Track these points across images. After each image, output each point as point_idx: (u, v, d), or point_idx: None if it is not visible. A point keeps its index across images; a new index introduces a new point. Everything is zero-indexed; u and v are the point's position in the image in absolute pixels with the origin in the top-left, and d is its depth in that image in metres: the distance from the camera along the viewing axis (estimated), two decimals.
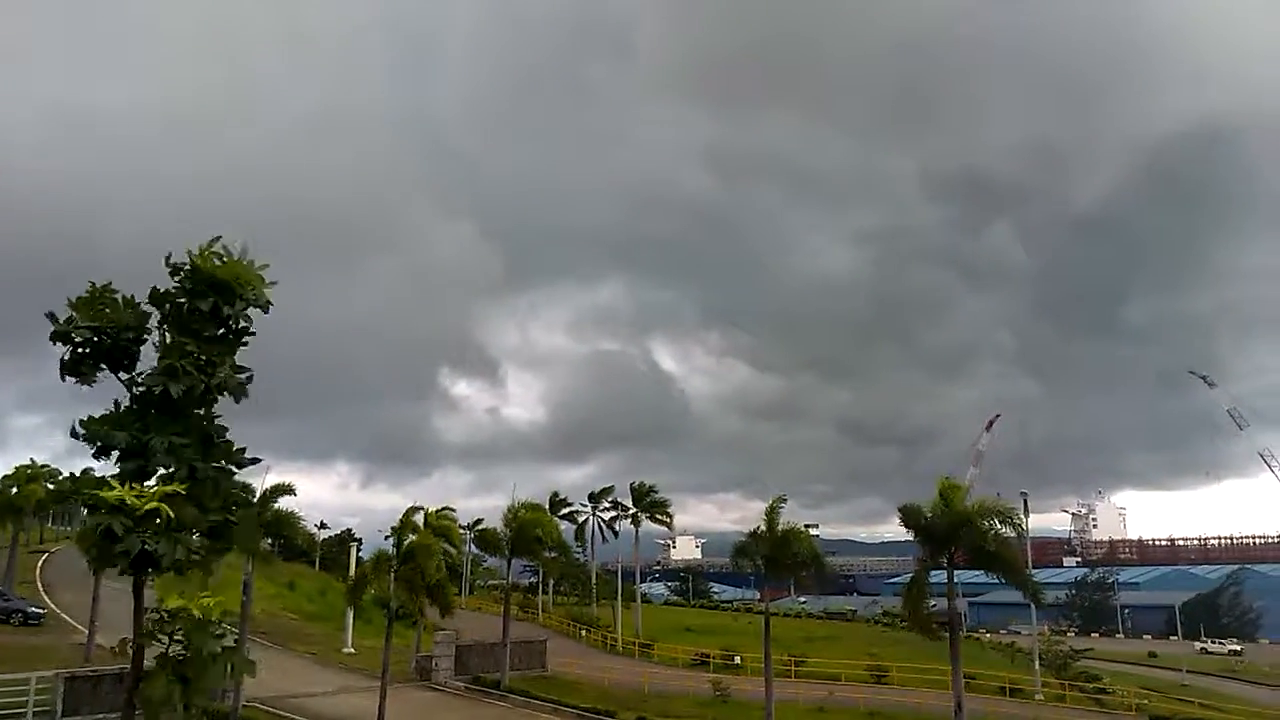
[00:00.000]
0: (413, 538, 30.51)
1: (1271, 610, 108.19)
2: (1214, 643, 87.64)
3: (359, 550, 68.14)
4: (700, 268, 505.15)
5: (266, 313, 16.05)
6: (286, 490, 34.94)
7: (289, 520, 35.90)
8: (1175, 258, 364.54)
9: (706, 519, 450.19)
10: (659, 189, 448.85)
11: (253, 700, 33.55)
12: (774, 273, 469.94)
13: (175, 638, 14.27)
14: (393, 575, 31.29)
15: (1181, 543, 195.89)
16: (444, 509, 36.09)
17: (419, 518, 31.80)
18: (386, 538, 32.83)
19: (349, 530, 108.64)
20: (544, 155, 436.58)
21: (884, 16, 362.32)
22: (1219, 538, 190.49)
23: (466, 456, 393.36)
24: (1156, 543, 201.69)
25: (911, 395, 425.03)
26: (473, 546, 68.81)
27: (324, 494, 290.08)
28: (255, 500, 30.25)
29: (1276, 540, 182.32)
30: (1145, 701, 44.45)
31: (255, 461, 16.63)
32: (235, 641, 26.06)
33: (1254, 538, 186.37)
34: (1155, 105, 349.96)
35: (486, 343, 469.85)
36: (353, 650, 51.13)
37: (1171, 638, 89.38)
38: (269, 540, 45.60)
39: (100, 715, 29.55)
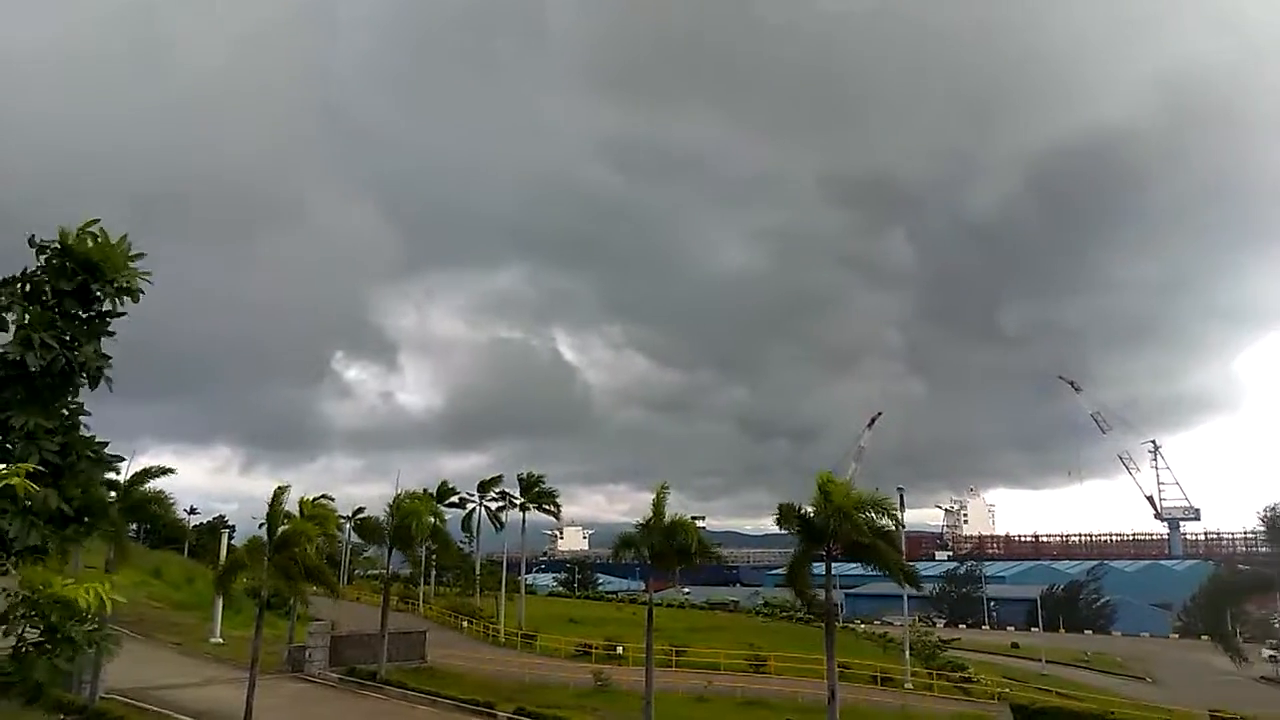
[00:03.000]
0: (286, 525, 29.56)
1: (1124, 604, 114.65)
2: None
3: (231, 537, 65.81)
4: (603, 259, 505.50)
5: (136, 302, 15.16)
6: (156, 473, 33.49)
7: (157, 504, 34.35)
8: (1054, 267, 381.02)
9: (595, 510, 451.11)
10: (564, 177, 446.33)
11: (112, 691, 31.99)
12: (676, 267, 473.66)
13: (33, 624, 13.30)
14: (266, 563, 30.27)
15: (1045, 539, 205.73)
16: (321, 496, 35.16)
17: (292, 504, 30.68)
18: (261, 525, 31.74)
19: (221, 516, 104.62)
20: (449, 135, 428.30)
21: (791, 21, 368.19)
22: (1079, 535, 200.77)
23: (357, 442, 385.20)
24: (1022, 538, 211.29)
25: (805, 391, 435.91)
26: (354, 535, 67.19)
27: (199, 478, 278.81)
28: (120, 483, 28.83)
29: (1131, 539, 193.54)
30: (1007, 690, 46.41)
31: (119, 459, 15.79)
32: (97, 627, 24.66)
33: (1111, 535, 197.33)
34: (1047, 117, 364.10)
35: (383, 326, 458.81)
36: (221, 640, 49.27)
37: (1033, 629, 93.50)
38: (134, 525, 43.25)
39: None
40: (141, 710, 30.90)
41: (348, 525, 66.01)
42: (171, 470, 32.82)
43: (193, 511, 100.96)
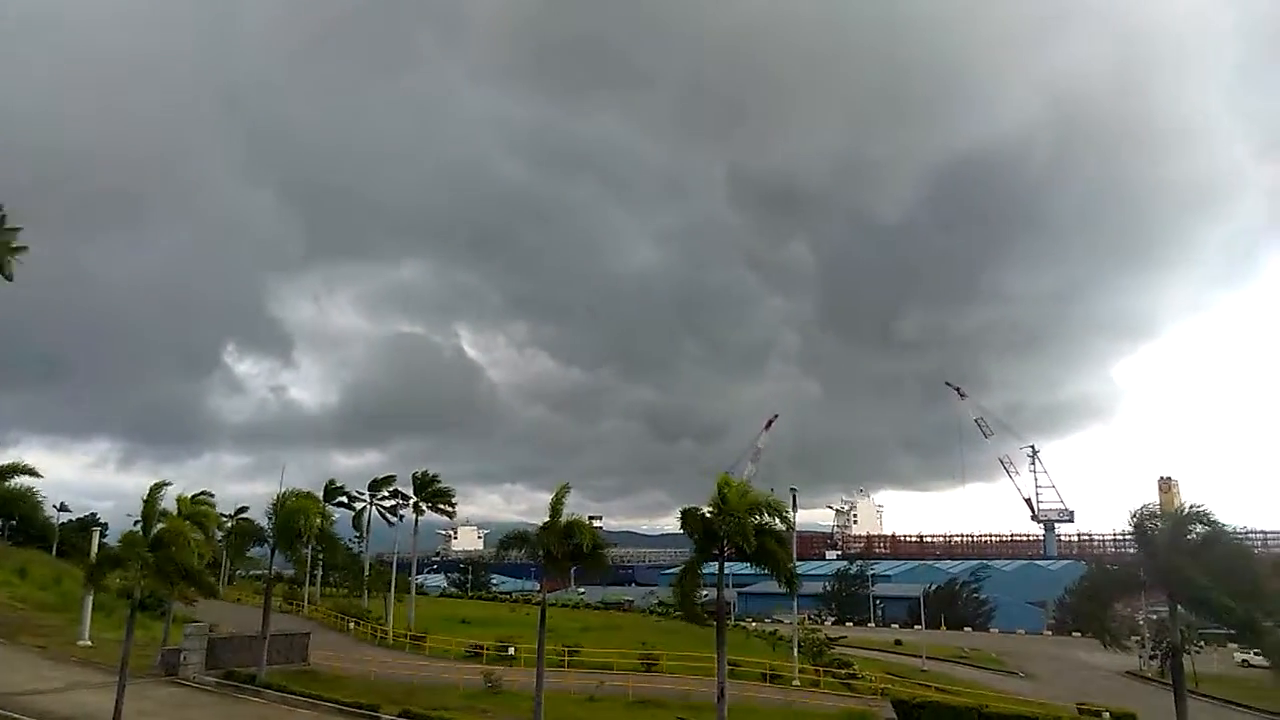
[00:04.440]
0: (163, 523, 28.26)
1: (1002, 602, 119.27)
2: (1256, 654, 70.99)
3: (104, 536, 62.69)
4: (509, 255, 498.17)
5: (10, 280, 14.30)
6: (23, 470, 31.88)
7: (23, 501, 32.62)
8: (950, 276, 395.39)
9: (492, 509, 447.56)
10: (472, 170, 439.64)
11: None
12: (583, 265, 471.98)
13: None
14: (140, 563, 28.92)
15: (929, 539, 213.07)
16: (202, 493, 33.83)
17: (168, 501, 29.36)
18: (136, 523, 30.33)
19: (94, 514, 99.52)
20: (356, 122, 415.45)
21: (701, 23, 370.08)
22: (961, 535, 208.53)
23: (246, 439, 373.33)
24: (908, 538, 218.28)
25: (709, 391, 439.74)
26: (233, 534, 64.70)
27: (72, 473, 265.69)
28: None
29: (1009, 539, 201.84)
30: (889, 686, 47.67)
31: None
32: None
33: (991, 536, 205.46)
34: (946, 127, 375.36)
35: (280, 319, 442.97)
36: (90, 643, 46.84)
37: (916, 626, 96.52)
38: None
39: None
40: (1, 717, 29.13)
41: (229, 524, 63.67)
42: (32, 471, 31.15)
43: (63, 509, 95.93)
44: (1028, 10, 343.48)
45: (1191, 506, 26.93)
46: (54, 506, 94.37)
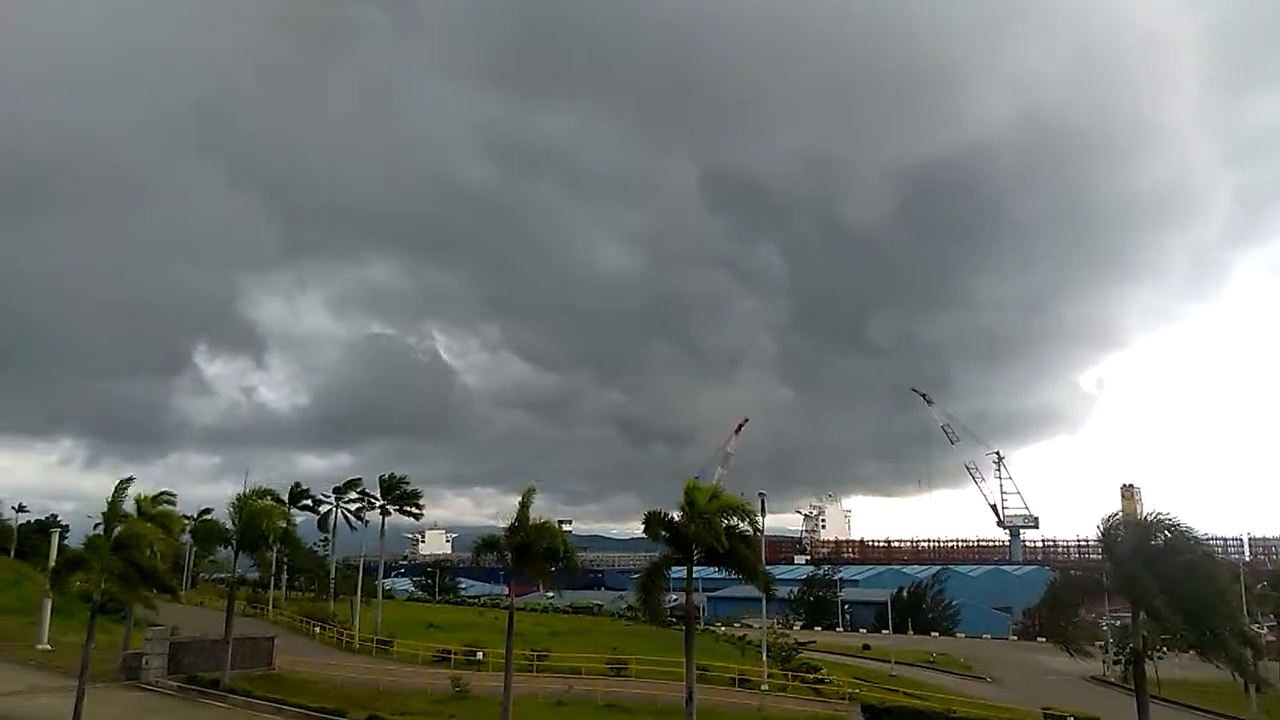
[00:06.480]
0: (123, 525, 27.78)
1: (968, 607, 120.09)
2: None
3: (65, 538, 61.67)
4: (481, 257, 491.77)
5: None
6: None
7: None
8: (920, 281, 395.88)
9: (461, 513, 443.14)
10: (445, 169, 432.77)
11: None
12: (556, 266, 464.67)
13: None
14: (102, 565, 28.43)
15: (896, 544, 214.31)
16: (163, 493, 33.25)
17: (129, 502, 28.86)
18: (96, 525, 29.83)
19: (54, 515, 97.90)
20: (325, 119, 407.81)
21: (672, 20, 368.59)
22: (928, 540, 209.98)
23: (215, 440, 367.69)
24: (875, 543, 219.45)
25: (681, 395, 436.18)
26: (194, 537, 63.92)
27: (32, 473, 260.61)
28: None
29: (975, 544, 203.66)
30: (857, 691, 47.84)
31: None
32: None
33: (957, 541, 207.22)
34: (925, 131, 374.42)
35: (251, 319, 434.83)
36: (49, 646, 46.13)
37: (884, 631, 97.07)
38: None
39: None
40: None
41: (192, 525, 62.85)
42: None
43: (21, 509, 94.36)
44: (995, 16, 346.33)
45: (1157, 514, 27.10)
46: (12, 508, 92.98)
